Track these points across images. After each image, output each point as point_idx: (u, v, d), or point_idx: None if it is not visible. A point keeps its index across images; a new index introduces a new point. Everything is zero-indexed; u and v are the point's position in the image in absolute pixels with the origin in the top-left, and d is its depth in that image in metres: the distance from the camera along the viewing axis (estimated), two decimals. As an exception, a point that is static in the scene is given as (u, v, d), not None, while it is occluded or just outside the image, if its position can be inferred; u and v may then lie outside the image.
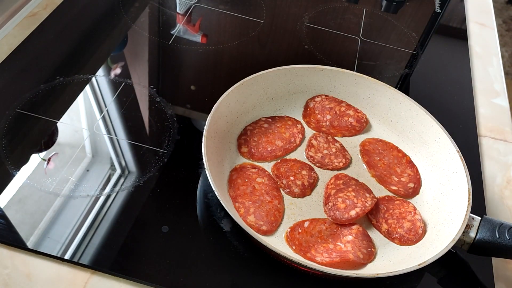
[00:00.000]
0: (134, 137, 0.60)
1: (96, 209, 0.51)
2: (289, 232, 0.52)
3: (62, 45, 0.70)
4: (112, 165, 0.57)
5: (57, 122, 0.60)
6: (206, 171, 0.50)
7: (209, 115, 0.55)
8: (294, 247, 0.51)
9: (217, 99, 0.57)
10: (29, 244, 0.48)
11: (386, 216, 0.54)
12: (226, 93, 0.58)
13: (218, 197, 0.48)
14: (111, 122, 0.61)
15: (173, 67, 0.73)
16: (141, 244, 0.49)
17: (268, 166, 0.58)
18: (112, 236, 0.49)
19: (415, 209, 0.54)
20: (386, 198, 0.57)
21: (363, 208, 0.53)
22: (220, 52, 0.75)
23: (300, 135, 0.61)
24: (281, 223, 0.53)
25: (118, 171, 0.56)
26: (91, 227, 0.50)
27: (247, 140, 0.60)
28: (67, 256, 0.47)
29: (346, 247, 0.50)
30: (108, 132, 0.60)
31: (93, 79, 0.66)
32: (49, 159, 0.56)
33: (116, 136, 0.60)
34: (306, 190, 0.56)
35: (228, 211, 0.47)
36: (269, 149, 0.59)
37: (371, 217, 0.55)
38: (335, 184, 0.56)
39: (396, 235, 0.53)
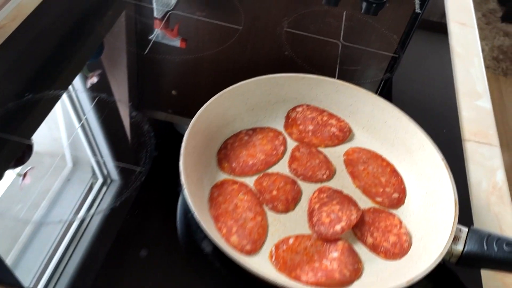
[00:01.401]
0: (110, 155, 0.58)
1: (68, 236, 0.49)
2: (273, 250, 0.51)
3: (31, 59, 0.67)
4: (91, 183, 0.54)
5: (26, 142, 0.57)
6: (185, 191, 0.48)
7: (187, 130, 0.53)
8: (278, 266, 0.49)
9: (198, 110, 0.55)
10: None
11: (371, 229, 0.53)
12: (203, 106, 0.56)
13: (197, 219, 0.46)
14: (86, 139, 0.59)
15: (150, 78, 0.70)
16: (118, 271, 0.47)
17: (250, 181, 0.56)
18: (88, 264, 0.47)
19: (400, 222, 0.53)
20: (371, 210, 0.55)
21: (348, 222, 0.52)
22: (199, 61, 0.73)
23: (282, 147, 0.60)
24: (265, 241, 0.51)
25: (94, 191, 0.54)
26: (65, 254, 0.47)
27: (227, 154, 0.58)
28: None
29: (332, 265, 0.49)
30: (79, 151, 0.57)
31: (65, 95, 0.63)
32: (25, 174, 0.54)
33: (87, 155, 0.57)
34: (290, 204, 0.54)
35: (208, 235, 0.45)
36: (250, 162, 0.57)
37: (356, 230, 0.53)
38: (318, 198, 0.55)
39: (382, 249, 0.51)
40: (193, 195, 0.48)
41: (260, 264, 0.49)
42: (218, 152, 0.58)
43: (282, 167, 0.58)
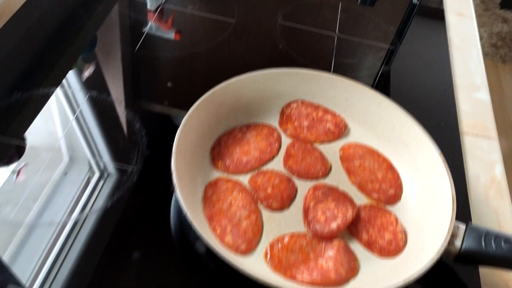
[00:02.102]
0: (101, 155, 0.56)
1: (62, 238, 0.48)
2: (268, 249, 0.50)
3: (19, 57, 0.66)
4: (84, 183, 0.53)
5: (16, 142, 0.56)
6: (177, 192, 0.47)
7: (179, 128, 0.52)
8: (273, 266, 0.48)
9: (193, 103, 0.53)
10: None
11: (367, 226, 0.52)
12: (196, 104, 0.55)
13: (190, 221, 0.45)
14: (75, 139, 0.58)
15: (142, 76, 0.69)
16: (111, 273, 0.46)
17: (244, 179, 0.55)
18: (80, 267, 0.46)
19: (396, 220, 0.52)
20: (367, 206, 0.54)
21: (344, 220, 0.51)
22: (193, 56, 0.71)
23: (277, 144, 0.59)
24: (260, 240, 0.51)
25: (88, 191, 0.53)
26: (57, 259, 0.47)
27: (221, 152, 0.57)
28: (31, 293, 0.44)
29: (328, 264, 0.48)
30: (72, 150, 0.56)
31: (55, 92, 0.62)
32: (18, 171, 0.53)
33: (80, 154, 0.56)
34: (285, 202, 0.54)
35: (200, 236, 0.44)
36: (244, 160, 0.56)
37: (351, 226, 0.52)
38: (314, 195, 0.54)
39: (377, 246, 0.51)
40: (185, 195, 0.48)
41: (254, 264, 0.48)
42: (212, 150, 0.57)
43: (277, 164, 0.57)
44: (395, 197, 0.56)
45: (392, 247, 0.50)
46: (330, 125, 0.60)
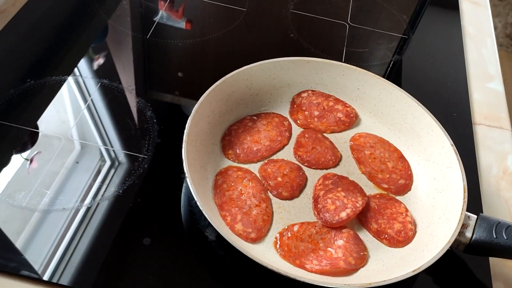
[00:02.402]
0: (113, 142, 0.57)
1: (74, 224, 0.49)
2: (278, 237, 0.50)
3: (32, 44, 0.66)
4: (95, 172, 0.54)
5: (28, 129, 0.56)
6: (188, 179, 0.47)
7: (189, 117, 0.52)
8: (283, 253, 0.49)
9: (202, 94, 0.54)
10: (8, 267, 0.45)
11: (376, 216, 0.52)
12: (206, 92, 0.55)
13: (201, 208, 0.45)
14: (86, 127, 0.58)
15: (153, 64, 0.69)
16: (123, 260, 0.47)
17: (254, 168, 0.55)
18: (92, 253, 0.47)
19: (406, 210, 0.52)
20: (377, 196, 0.54)
21: (353, 209, 0.51)
22: (204, 44, 0.71)
23: (287, 133, 0.59)
24: (270, 228, 0.51)
25: (100, 179, 0.53)
26: (70, 244, 0.47)
27: (231, 140, 0.57)
28: (45, 277, 0.45)
29: (337, 253, 0.48)
30: (83, 138, 0.57)
31: (67, 81, 0.62)
32: (31, 159, 0.54)
33: (91, 142, 0.57)
34: (295, 191, 0.54)
35: (211, 222, 0.45)
36: (255, 149, 0.56)
37: (360, 216, 0.52)
38: (323, 185, 0.54)
39: (385, 236, 0.51)
40: (196, 183, 0.48)
41: (264, 252, 0.49)
42: (222, 139, 0.57)
43: (287, 154, 0.57)
44: (405, 187, 0.55)
45: (401, 237, 0.50)
46: (341, 114, 0.60)
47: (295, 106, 0.61)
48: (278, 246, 0.49)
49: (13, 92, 0.59)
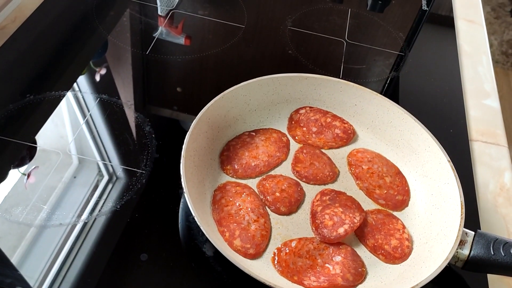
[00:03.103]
0: (110, 157, 0.57)
1: (71, 239, 0.49)
2: (275, 253, 0.50)
3: (32, 60, 0.67)
4: (93, 187, 0.54)
5: (26, 144, 0.57)
6: (186, 194, 0.47)
7: (188, 132, 0.52)
8: (280, 269, 0.49)
9: (200, 109, 0.54)
10: (3, 282, 0.45)
11: (374, 231, 0.52)
12: (205, 108, 0.55)
13: (199, 224, 0.45)
14: (85, 142, 0.58)
15: (152, 79, 0.70)
16: (119, 275, 0.47)
17: (252, 183, 0.56)
18: (89, 268, 0.47)
19: (404, 227, 0.52)
20: (375, 211, 0.54)
21: (351, 225, 0.51)
22: (202, 60, 0.72)
23: (285, 149, 0.59)
24: (268, 244, 0.51)
25: (97, 194, 0.53)
26: (66, 260, 0.47)
27: (229, 156, 0.57)
28: (40, 293, 0.44)
29: (335, 270, 0.48)
30: (81, 153, 0.57)
31: (66, 96, 0.62)
32: (29, 174, 0.54)
33: (89, 157, 0.57)
34: (293, 207, 0.54)
35: (209, 239, 0.45)
36: (253, 164, 0.57)
37: (357, 231, 0.52)
38: (321, 200, 0.54)
39: (382, 251, 0.51)
40: (194, 199, 0.48)
41: (262, 268, 0.49)
42: (220, 154, 0.57)
43: (285, 169, 0.58)
44: (403, 203, 0.56)
45: (398, 254, 0.50)
46: (339, 131, 0.60)
47: (293, 122, 0.61)
48: (276, 262, 0.49)
49: (12, 107, 0.60)
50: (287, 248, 0.50)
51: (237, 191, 0.54)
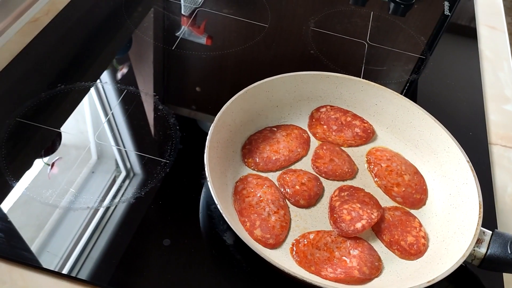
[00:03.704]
0: (136, 146, 0.59)
1: (95, 221, 0.50)
2: (294, 244, 0.51)
3: (63, 51, 0.69)
4: (115, 175, 0.56)
5: (58, 131, 0.59)
6: (209, 183, 0.48)
7: (212, 124, 0.54)
8: (298, 260, 0.50)
9: (222, 106, 0.55)
10: (28, 258, 0.47)
11: (390, 227, 0.53)
12: (229, 101, 0.57)
13: (222, 212, 0.47)
14: (112, 131, 0.60)
15: (176, 73, 0.72)
16: (141, 258, 0.48)
17: (273, 176, 0.57)
18: (112, 249, 0.48)
19: (420, 225, 0.53)
20: (392, 208, 0.55)
21: (369, 221, 0.52)
22: (225, 58, 0.74)
23: (306, 145, 0.60)
24: (287, 235, 0.52)
25: (120, 181, 0.55)
26: (90, 240, 0.49)
27: (251, 149, 0.58)
28: (65, 271, 0.46)
29: (352, 262, 0.49)
30: (111, 142, 0.59)
31: (95, 87, 0.65)
32: (52, 164, 0.55)
33: (117, 145, 0.59)
34: (312, 200, 0.55)
35: (231, 226, 0.46)
36: (273, 158, 0.58)
37: (374, 227, 0.53)
38: (339, 196, 0.55)
39: (398, 247, 0.51)
40: (217, 188, 0.49)
41: (281, 257, 0.50)
42: (242, 147, 0.59)
43: (305, 165, 0.59)
44: (420, 202, 0.56)
45: (413, 250, 0.51)
46: (358, 130, 0.61)
47: (314, 120, 0.62)
48: (294, 253, 0.50)
49: (44, 95, 0.62)
50: (305, 240, 0.51)
51: (258, 183, 0.55)
